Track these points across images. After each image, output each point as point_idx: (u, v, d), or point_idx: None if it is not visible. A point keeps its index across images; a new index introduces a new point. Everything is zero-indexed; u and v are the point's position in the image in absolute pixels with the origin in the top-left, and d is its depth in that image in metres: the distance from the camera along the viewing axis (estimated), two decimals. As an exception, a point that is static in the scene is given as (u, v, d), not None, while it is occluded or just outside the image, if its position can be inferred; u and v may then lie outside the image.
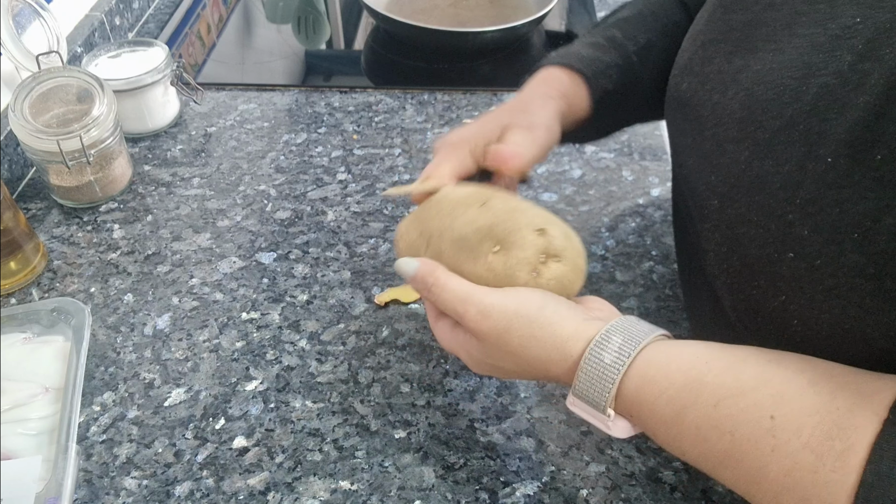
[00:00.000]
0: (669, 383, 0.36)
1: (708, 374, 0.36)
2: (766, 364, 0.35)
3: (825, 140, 0.33)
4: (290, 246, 0.65)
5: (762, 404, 0.33)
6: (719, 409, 0.34)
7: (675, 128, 0.47)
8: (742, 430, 0.34)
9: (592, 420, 0.40)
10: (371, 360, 0.56)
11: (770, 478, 0.33)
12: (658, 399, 0.37)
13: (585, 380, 0.38)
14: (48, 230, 0.67)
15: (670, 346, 0.38)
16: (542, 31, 0.98)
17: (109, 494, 0.47)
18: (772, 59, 0.38)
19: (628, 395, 0.38)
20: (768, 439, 0.33)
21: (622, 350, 0.38)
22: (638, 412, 0.38)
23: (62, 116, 0.66)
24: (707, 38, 0.44)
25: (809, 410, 0.32)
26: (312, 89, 0.86)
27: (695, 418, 0.35)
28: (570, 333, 0.40)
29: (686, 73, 0.46)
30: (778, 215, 0.36)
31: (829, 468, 0.31)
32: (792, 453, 0.32)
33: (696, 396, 0.35)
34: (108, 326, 0.58)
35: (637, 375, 0.37)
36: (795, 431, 0.32)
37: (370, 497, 0.47)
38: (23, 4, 0.70)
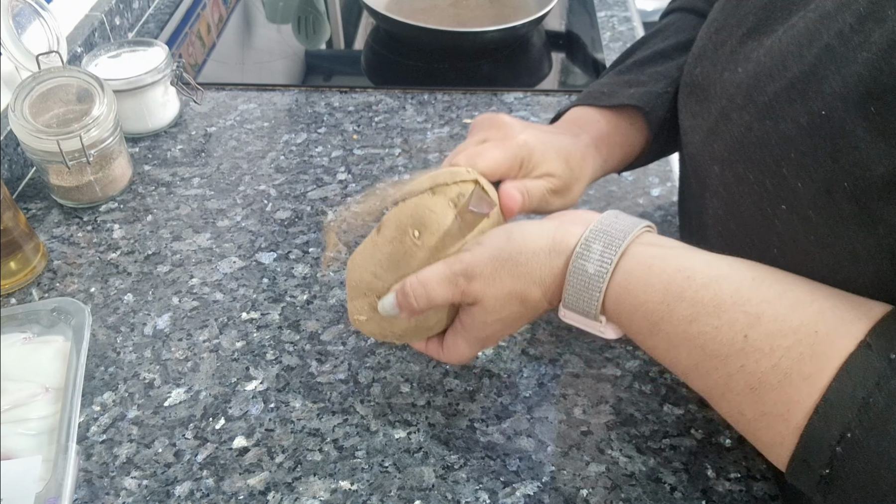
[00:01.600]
0: (648, 295, 0.37)
1: (687, 289, 0.36)
2: (749, 281, 0.35)
3: (822, 96, 0.34)
4: (290, 246, 0.65)
5: (737, 323, 0.34)
6: (693, 326, 0.35)
7: (685, 112, 0.48)
8: (713, 347, 0.35)
9: (585, 326, 0.41)
10: (371, 360, 0.56)
11: (735, 391, 0.34)
12: (636, 310, 0.38)
13: (573, 291, 0.40)
14: (48, 230, 0.67)
15: (654, 251, 0.39)
16: (542, 31, 0.98)
17: (109, 494, 0.47)
18: (783, 34, 0.38)
19: (611, 303, 0.39)
20: (738, 357, 0.34)
21: (604, 257, 0.39)
22: (619, 319, 0.39)
23: (62, 116, 0.66)
24: (720, 24, 0.45)
25: (785, 332, 0.33)
26: (312, 89, 0.86)
27: (669, 331, 0.37)
28: (549, 245, 0.41)
29: (699, 59, 0.46)
30: (773, 171, 0.36)
31: (794, 387, 0.32)
32: (759, 372, 0.33)
33: (672, 311, 0.36)
34: (108, 326, 0.58)
35: (618, 285, 0.38)
36: (767, 352, 0.33)
37: (370, 497, 0.47)
38: (23, 4, 0.70)
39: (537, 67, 0.93)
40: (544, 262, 0.41)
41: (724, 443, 0.50)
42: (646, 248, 0.39)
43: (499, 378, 0.54)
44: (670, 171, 0.73)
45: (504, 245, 0.42)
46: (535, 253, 0.41)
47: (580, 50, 0.95)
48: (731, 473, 0.48)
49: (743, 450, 0.49)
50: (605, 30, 0.97)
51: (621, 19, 0.99)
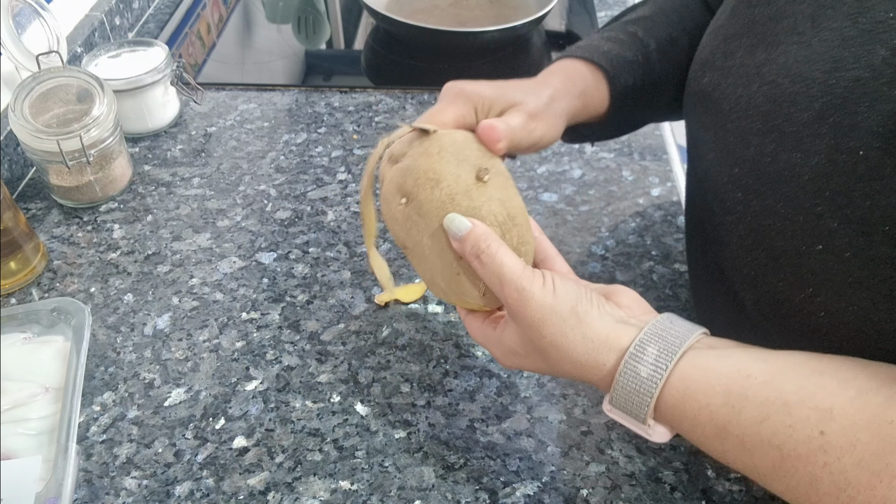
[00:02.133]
0: (709, 399, 0.35)
1: (749, 388, 0.34)
2: (809, 375, 0.34)
3: (856, 132, 0.33)
4: (290, 246, 0.65)
5: (809, 420, 0.32)
6: (764, 426, 0.33)
7: (694, 122, 0.47)
8: (790, 447, 0.33)
9: (632, 427, 0.39)
10: (371, 360, 0.56)
11: (823, 492, 0.32)
12: (699, 415, 0.36)
13: (622, 392, 0.38)
14: (48, 230, 0.67)
15: (708, 356, 0.37)
16: (542, 31, 0.98)
17: (109, 494, 0.47)
18: (797, 52, 0.37)
19: (667, 408, 0.37)
20: (819, 455, 0.32)
21: (658, 362, 0.37)
22: (679, 426, 0.37)
23: (62, 116, 0.66)
24: (729, 33, 0.44)
25: (861, 425, 0.31)
26: (312, 89, 0.86)
27: (739, 434, 0.34)
28: (602, 339, 0.38)
29: (707, 68, 0.46)
30: (806, 207, 0.35)
31: (885, 485, 0.30)
32: (844, 470, 0.31)
33: (739, 413, 0.34)
34: (108, 326, 0.58)
35: (675, 389, 0.36)
36: (847, 448, 0.31)
37: (370, 497, 0.47)
38: (23, 4, 0.70)
39: (537, 67, 0.92)
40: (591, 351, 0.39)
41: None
42: (701, 351, 0.37)
43: (499, 378, 0.54)
44: (670, 171, 0.73)
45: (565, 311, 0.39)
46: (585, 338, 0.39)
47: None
48: (731, 473, 0.48)
49: (743, 450, 0.49)
50: (605, 30, 0.96)
51: (621, 19, 0.99)
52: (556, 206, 0.69)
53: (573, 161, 0.74)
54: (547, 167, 0.74)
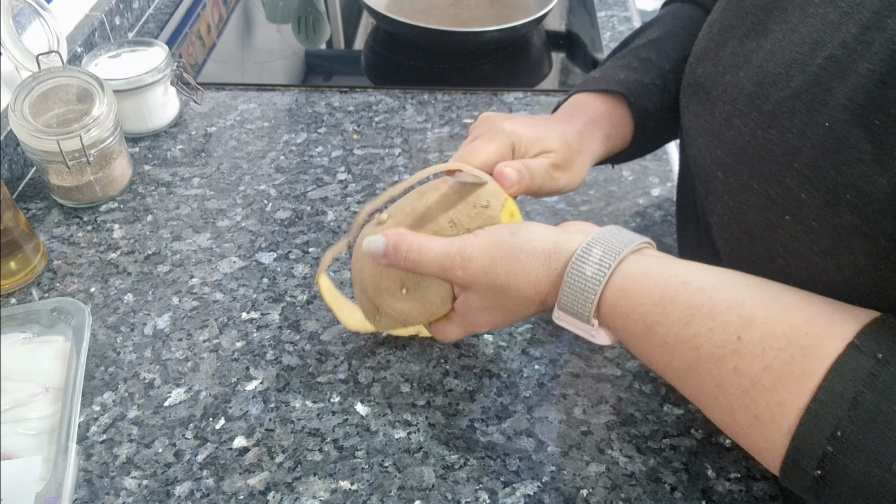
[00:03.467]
0: (644, 298, 0.38)
1: (683, 292, 0.37)
2: (742, 287, 0.36)
3: (826, 107, 0.34)
4: (290, 246, 0.65)
5: (730, 325, 0.34)
6: (688, 328, 0.36)
7: (688, 113, 0.48)
8: (707, 348, 0.35)
9: (578, 331, 0.42)
10: (371, 360, 0.56)
11: (728, 394, 0.34)
12: (632, 312, 0.38)
13: (569, 292, 0.40)
14: (48, 230, 0.67)
15: (651, 260, 0.39)
16: (542, 31, 0.98)
17: (109, 494, 0.47)
18: (783, 37, 0.38)
19: (607, 306, 0.39)
20: (731, 359, 0.34)
21: (602, 261, 0.39)
22: (613, 322, 0.39)
23: (62, 116, 0.66)
24: (723, 25, 0.45)
25: (778, 334, 0.33)
26: (312, 89, 0.86)
27: (664, 334, 0.37)
28: (550, 248, 0.41)
29: (701, 60, 0.46)
30: (777, 181, 0.36)
31: (785, 389, 0.32)
32: (752, 373, 0.33)
33: (668, 313, 0.37)
34: (108, 326, 0.58)
35: (616, 288, 0.39)
36: (759, 354, 0.33)
37: (370, 497, 0.47)
38: (23, 4, 0.70)
39: (537, 67, 0.93)
40: (542, 262, 0.41)
41: (724, 443, 0.50)
42: (644, 257, 0.40)
43: (499, 378, 0.54)
44: (670, 171, 0.73)
45: (506, 239, 0.42)
46: (535, 254, 0.41)
47: (580, 50, 0.95)
48: (731, 473, 0.48)
49: (743, 450, 0.49)
50: (605, 30, 0.97)
51: (621, 19, 0.99)
52: (556, 206, 0.69)
53: (573, 161, 0.74)
54: (547, 167, 0.74)
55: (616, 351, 0.56)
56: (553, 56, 0.95)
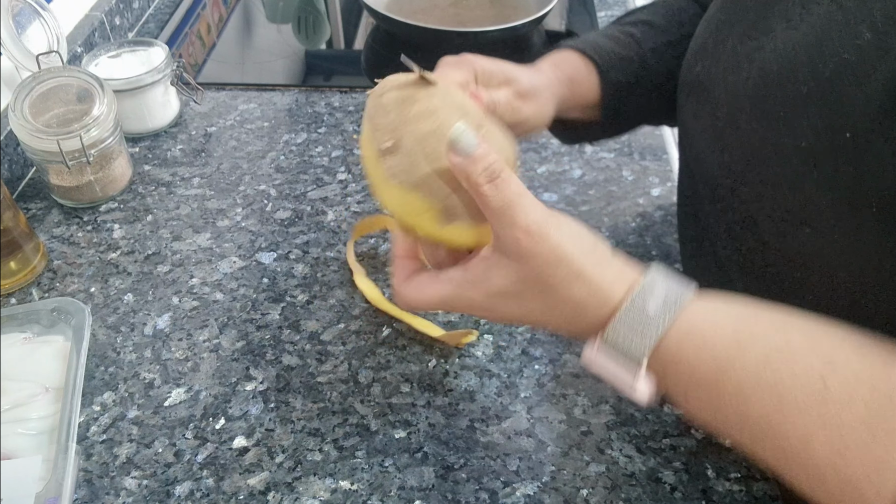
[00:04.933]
0: (716, 338, 0.33)
1: (757, 329, 0.33)
2: (813, 326, 0.32)
3: (842, 113, 0.33)
4: (290, 246, 0.65)
5: (813, 368, 0.30)
6: (768, 369, 0.31)
7: (687, 112, 0.47)
8: (791, 395, 0.30)
9: (613, 378, 0.36)
10: (371, 360, 0.56)
11: (817, 453, 0.30)
12: (701, 353, 0.33)
13: (623, 329, 0.34)
14: (48, 230, 0.67)
15: (715, 301, 0.35)
16: (542, 31, 0.98)
17: (109, 494, 0.47)
18: (785, 36, 0.38)
19: (669, 349, 0.34)
20: (818, 407, 0.30)
21: (668, 300, 0.34)
22: (675, 370, 0.34)
23: (62, 116, 0.66)
24: (721, 21, 0.44)
25: (862, 378, 0.29)
26: (312, 89, 0.86)
27: (740, 377, 0.32)
28: (614, 276, 0.36)
29: (699, 57, 0.46)
30: (794, 188, 0.35)
31: (882, 448, 0.28)
32: (842, 426, 0.29)
33: (745, 352, 0.32)
34: (108, 326, 0.58)
35: (680, 328, 0.34)
36: (847, 402, 0.29)
37: (370, 497, 0.47)
38: (23, 4, 0.70)
39: (537, 67, 0.93)
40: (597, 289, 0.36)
41: (724, 443, 0.50)
42: (706, 299, 0.36)
43: (499, 378, 0.54)
44: (670, 171, 0.73)
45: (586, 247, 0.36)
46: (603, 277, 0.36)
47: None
48: (731, 473, 0.48)
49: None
50: (605, 30, 0.97)
51: (621, 19, 0.99)
52: (556, 206, 0.69)
53: (573, 161, 0.74)
54: (547, 167, 0.74)
55: (616, 351, 0.56)
56: (553, 56, 0.95)
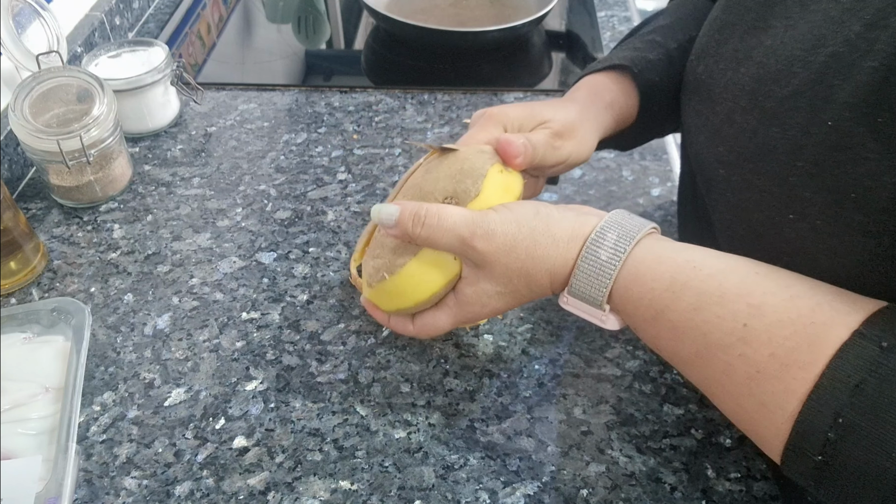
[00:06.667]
0: (656, 283, 0.38)
1: (694, 278, 0.37)
2: (752, 275, 0.36)
3: (830, 105, 0.34)
4: (290, 246, 0.65)
5: (739, 313, 0.35)
6: (697, 314, 0.36)
7: (689, 110, 0.48)
8: (715, 335, 0.35)
9: (587, 316, 0.42)
10: (371, 360, 0.56)
11: (734, 381, 0.35)
12: (643, 297, 0.38)
13: (582, 277, 0.40)
14: (48, 230, 0.67)
15: (663, 245, 0.40)
16: (542, 31, 0.98)
17: (109, 494, 0.47)
18: (784, 34, 0.38)
19: (618, 291, 0.39)
20: (738, 346, 0.34)
21: (617, 246, 0.39)
22: (624, 307, 0.40)
23: (62, 116, 0.66)
24: (724, 21, 0.45)
25: (784, 322, 0.33)
26: (312, 89, 0.86)
27: (673, 319, 0.37)
28: (568, 234, 0.41)
29: (702, 57, 0.46)
30: (781, 179, 0.36)
31: (790, 376, 0.32)
32: (758, 361, 0.33)
33: (678, 299, 0.37)
34: (108, 326, 0.58)
35: (629, 272, 0.39)
36: (766, 341, 0.33)
37: (370, 497, 0.47)
38: (23, 4, 0.70)
39: (537, 67, 0.93)
40: (561, 249, 0.41)
41: (724, 443, 0.50)
42: (656, 241, 0.40)
43: (499, 378, 0.54)
44: (670, 171, 0.73)
45: (530, 219, 0.42)
46: (555, 239, 0.41)
47: (580, 50, 0.95)
48: (731, 473, 0.48)
49: (743, 450, 0.49)
50: (605, 30, 0.97)
51: (621, 19, 0.99)
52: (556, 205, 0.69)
53: (573, 161, 0.74)
54: (547, 167, 0.74)
55: (616, 351, 0.56)
56: (553, 56, 0.95)
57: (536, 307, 0.59)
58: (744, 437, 0.50)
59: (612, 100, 0.53)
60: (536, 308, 0.59)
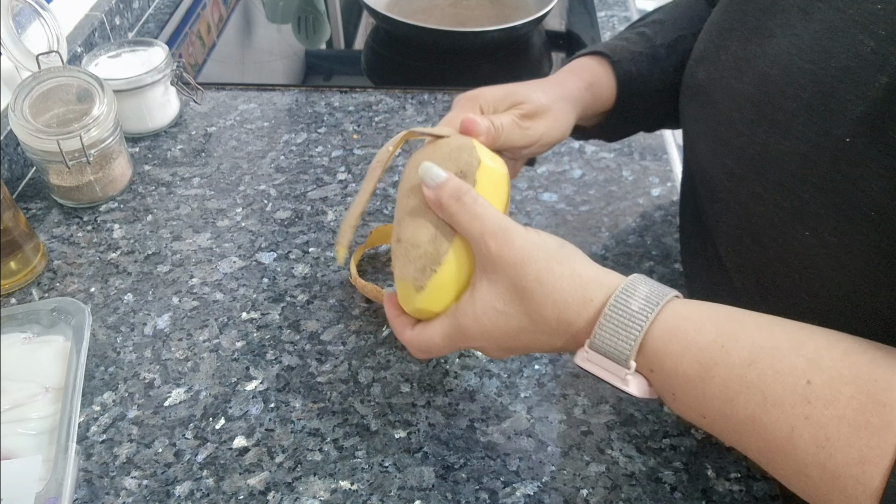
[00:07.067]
0: (699, 336, 0.34)
1: (741, 330, 0.33)
2: (799, 329, 0.33)
3: (842, 120, 0.33)
4: (290, 246, 0.65)
5: (797, 368, 0.31)
6: (752, 370, 0.32)
7: (689, 116, 0.47)
8: (775, 393, 0.31)
9: (607, 376, 0.37)
10: (371, 360, 0.56)
11: (800, 448, 0.31)
12: (685, 352, 0.34)
13: (609, 328, 0.35)
14: (48, 230, 0.67)
15: (699, 303, 0.36)
16: (542, 31, 0.98)
17: (109, 494, 0.47)
18: (787, 43, 0.38)
19: (653, 346, 0.35)
20: (802, 406, 0.30)
21: (650, 298, 0.35)
22: (661, 367, 0.35)
23: (62, 116, 0.66)
24: (723, 27, 0.45)
25: (846, 380, 0.30)
26: (312, 89, 0.86)
27: (724, 376, 0.33)
28: (591, 277, 0.37)
29: (702, 62, 0.46)
30: (792, 194, 0.35)
31: (864, 443, 0.29)
32: (826, 423, 0.30)
33: (728, 353, 0.33)
34: (108, 326, 0.58)
35: (664, 326, 0.35)
36: (831, 400, 0.30)
37: (370, 497, 0.47)
38: (23, 4, 0.70)
39: (537, 67, 0.93)
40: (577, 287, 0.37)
41: (724, 443, 0.50)
42: (689, 301, 0.37)
43: (499, 378, 0.54)
44: (670, 171, 0.73)
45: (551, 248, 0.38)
46: (572, 275, 0.37)
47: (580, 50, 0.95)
48: (731, 473, 0.48)
49: (743, 450, 0.49)
50: (605, 30, 0.97)
51: (621, 19, 0.99)
52: (556, 206, 0.69)
53: (573, 161, 0.74)
54: (547, 167, 0.74)
55: (616, 351, 0.56)
56: (553, 56, 0.95)
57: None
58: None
59: (592, 81, 0.53)
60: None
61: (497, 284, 0.39)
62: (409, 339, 0.44)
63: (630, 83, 0.53)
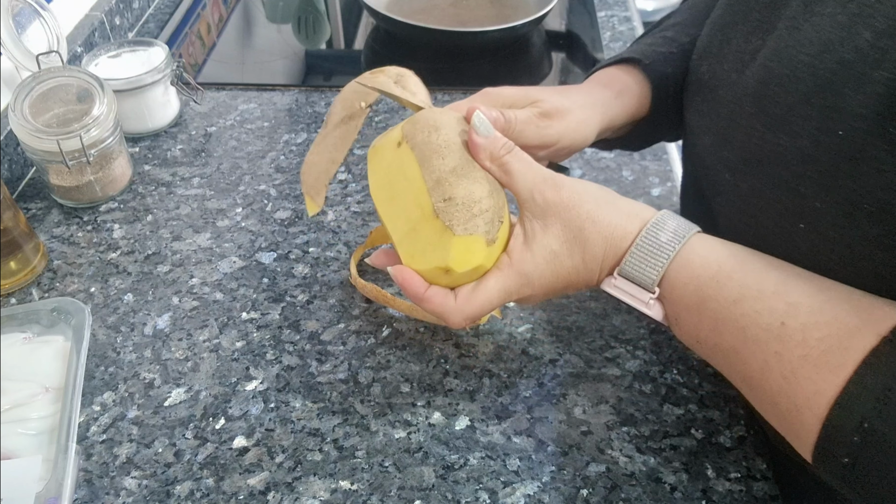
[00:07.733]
0: (702, 271, 0.38)
1: (737, 271, 0.37)
2: (792, 275, 0.36)
3: (841, 114, 0.33)
4: (290, 246, 0.65)
5: (776, 310, 0.35)
6: (737, 306, 0.36)
7: (692, 110, 0.47)
8: (752, 330, 0.35)
9: (631, 301, 0.41)
10: (371, 360, 0.56)
11: (770, 379, 0.35)
12: (688, 284, 0.38)
13: (638, 256, 0.39)
14: (48, 230, 0.67)
15: (716, 240, 0.40)
16: (542, 31, 0.98)
17: (109, 494, 0.47)
18: (788, 36, 0.38)
19: (670, 274, 0.39)
20: (774, 343, 0.34)
21: (677, 231, 0.39)
22: (670, 294, 0.40)
23: (62, 116, 0.66)
24: (726, 21, 0.45)
25: (819, 324, 0.33)
26: (312, 89, 0.86)
27: (714, 309, 0.37)
28: (629, 209, 0.41)
29: (705, 56, 0.46)
30: (791, 188, 0.36)
31: (821, 378, 0.33)
32: (793, 360, 0.34)
33: (721, 289, 0.37)
34: (108, 326, 0.58)
35: (682, 259, 0.39)
36: (800, 341, 0.34)
37: (370, 497, 0.47)
38: (23, 4, 0.70)
39: (537, 67, 0.93)
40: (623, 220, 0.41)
41: (724, 443, 0.50)
42: (708, 237, 0.41)
43: (499, 378, 0.54)
44: (670, 171, 0.73)
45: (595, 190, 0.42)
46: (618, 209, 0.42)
47: (580, 50, 0.95)
48: (731, 473, 0.48)
49: (743, 450, 0.49)
50: (605, 30, 0.97)
51: (621, 19, 0.99)
52: (556, 206, 0.69)
53: (573, 161, 0.74)
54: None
55: (616, 351, 0.56)
56: (553, 56, 0.95)
57: (536, 307, 0.59)
58: (744, 437, 0.50)
59: (622, 89, 0.52)
60: (536, 308, 0.59)
61: (552, 227, 0.41)
62: (458, 306, 0.42)
63: (665, 85, 0.53)
